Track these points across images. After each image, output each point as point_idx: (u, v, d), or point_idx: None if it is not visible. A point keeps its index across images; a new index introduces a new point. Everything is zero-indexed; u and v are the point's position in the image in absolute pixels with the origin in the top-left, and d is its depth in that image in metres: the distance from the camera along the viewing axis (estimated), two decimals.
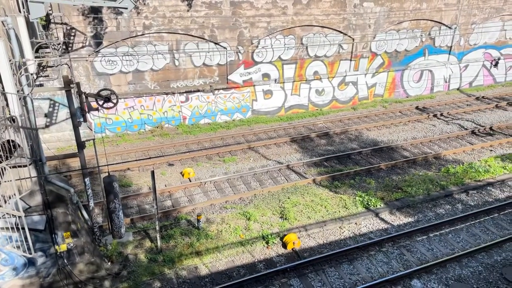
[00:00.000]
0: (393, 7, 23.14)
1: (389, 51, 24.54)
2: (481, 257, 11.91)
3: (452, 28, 25.41)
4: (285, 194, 15.12)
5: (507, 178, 16.13)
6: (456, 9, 24.90)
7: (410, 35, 24.59)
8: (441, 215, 13.93)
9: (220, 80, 21.09)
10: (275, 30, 21.15)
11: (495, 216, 13.80)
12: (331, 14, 21.92)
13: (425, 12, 24.09)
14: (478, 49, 27.17)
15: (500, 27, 27.08)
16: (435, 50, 25.76)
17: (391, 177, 16.51)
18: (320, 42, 22.51)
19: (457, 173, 16.52)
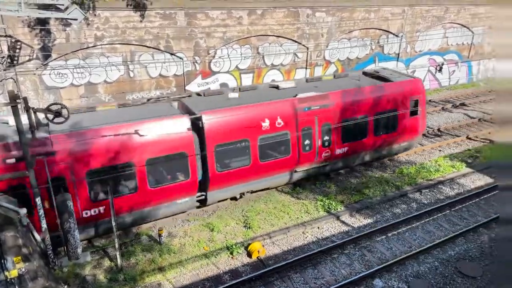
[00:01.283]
0: (344, 16, 24.11)
1: (342, 59, 25.47)
2: (436, 252, 12.53)
3: (399, 36, 26.87)
4: (248, 203, 15.10)
5: (456, 176, 17.15)
6: (402, 18, 26.38)
7: (361, 43, 25.69)
8: (397, 215, 14.53)
9: (178, 91, 20.81)
10: (231, 40, 21.28)
11: (447, 212, 14.61)
12: (285, 24, 22.42)
13: (373, 22, 25.30)
14: (424, 55, 28.89)
15: (442, 35, 29.01)
16: (384, 57, 27.07)
17: (350, 180, 17.01)
18: (276, 51, 22.92)
19: (410, 173, 17.34)
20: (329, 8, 23.44)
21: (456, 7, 28.40)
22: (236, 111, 13.62)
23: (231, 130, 13.44)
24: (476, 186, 16.49)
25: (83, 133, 11.60)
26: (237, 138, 13.57)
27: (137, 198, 12.48)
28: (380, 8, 25.14)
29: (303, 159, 15.24)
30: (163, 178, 12.88)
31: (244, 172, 14.11)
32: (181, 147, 12.71)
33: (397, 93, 16.92)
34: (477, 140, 21.01)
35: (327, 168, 16.46)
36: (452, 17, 28.65)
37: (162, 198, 12.97)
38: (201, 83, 21.43)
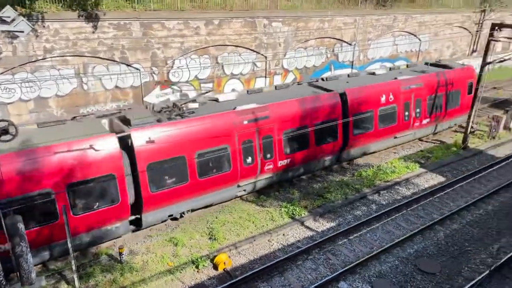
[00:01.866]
0: (299, 26, 24.73)
1: (300, 67, 26.06)
2: (396, 251, 12.98)
3: (352, 45, 27.96)
4: (212, 214, 14.91)
5: (411, 177, 17.97)
6: (354, 27, 27.50)
7: (317, 52, 26.44)
8: (358, 217, 14.94)
9: (136, 103, 20.29)
10: (189, 50, 21.14)
11: (404, 212, 15.22)
12: (243, 34, 22.63)
13: (327, 31, 26.16)
14: (376, 62, 30.21)
15: (392, 42, 30.53)
16: (339, 65, 28.02)
17: (312, 185, 17.31)
18: (235, 61, 23.03)
19: (368, 176, 17.94)
20: (285, 18, 23.96)
21: (404, 16, 30.05)
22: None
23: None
24: (429, 185, 17.35)
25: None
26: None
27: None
28: (333, 18, 26.06)
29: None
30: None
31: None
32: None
33: (460, 76, 21.82)
34: (428, 141, 22.16)
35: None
36: (400, 25, 30.26)
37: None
38: (160, 94, 21.04)
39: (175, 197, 13.47)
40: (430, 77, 20.51)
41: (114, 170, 11.91)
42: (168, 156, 12.84)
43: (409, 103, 19.56)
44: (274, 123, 15.24)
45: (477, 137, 22.38)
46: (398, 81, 19.25)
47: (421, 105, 20.16)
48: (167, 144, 12.79)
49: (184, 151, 13.16)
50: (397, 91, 18.94)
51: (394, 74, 20.59)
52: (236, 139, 14.32)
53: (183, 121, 13.32)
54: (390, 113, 18.89)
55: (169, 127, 12.97)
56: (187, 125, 13.29)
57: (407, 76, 19.89)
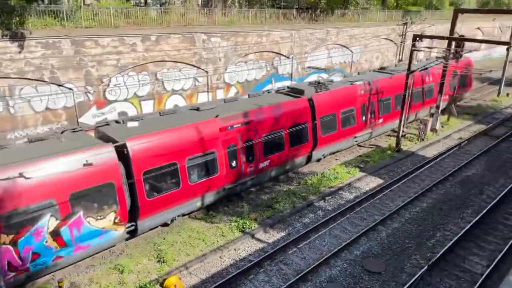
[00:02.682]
0: (238, 41, 25.13)
1: (241, 81, 26.39)
2: (344, 255, 13.42)
3: (290, 58, 28.95)
4: (160, 236, 14.37)
5: (352, 181, 18.80)
6: (290, 41, 28.54)
7: (257, 65, 26.99)
8: (307, 224, 15.27)
9: (70, 124, 19.14)
10: (127, 67, 20.50)
11: (349, 215, 15.82)
12: (182, 49, 22.46)
13: (266, 45, 26.87)
14: (313, 74, 31.52)
15: (326, 55, 32.09)
16: (279, 78, 28.83)
17: (261, 197, 17.42)
18: (175, 77, 22.73)
19: (313, 183, 18.47)
20: (223, 33, 24.22)
21: (335, 30, 31.80)
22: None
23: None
24: (370, 187, 18.26)
25: None
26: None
27: None
28: (270, 32, 26.85)
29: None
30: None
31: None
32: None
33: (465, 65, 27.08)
34: (366, 146, 23.42)
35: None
36: (333, 38, 31.96)
37: None
38: (96, 113, 20.07)
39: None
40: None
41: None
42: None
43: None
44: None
45: (408, 140, 24.10)
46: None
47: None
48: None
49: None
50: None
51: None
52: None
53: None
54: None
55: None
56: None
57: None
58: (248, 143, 16.12)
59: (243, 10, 27.75)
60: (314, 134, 19.10)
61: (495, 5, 55.45)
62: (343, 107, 20.36)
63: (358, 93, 21.14)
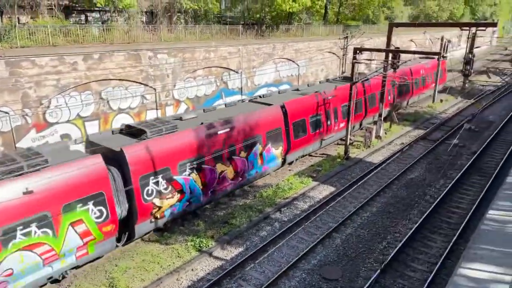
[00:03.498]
0: (186, 57, 24.97)
1: (191, 97, 26.15)
2: (302, 265, 13.55)
3: (239, 72, 29.25)
4: (111, 262, 13.63)
5: (306, 191, 19.18)
6: (238, 56, 28.87)
7: (206, 81, 26.93)
8: (264, 237, 15.27)
9: (7, 150, 17.73)
10: (68, 87, 19.51)
11: (304, 225, 16.08)
12: (127, 67, 21.86)
13: (214, 61, 26.95)
14: (262, 87, 32.04)
15: (274, 69, 32.83)
16: (229, 92, 28.95)
17: (217, 213, 17.19)
18: (121, 95, 22.00)
19: (269, 195, 18.60)
20: (170, 50, 23.95)
21: (281, 44, 32.70)
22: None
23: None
24: (323, 196, 18.74)
25: None
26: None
27: None
28: (217, 48, 26.99)
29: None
30: None
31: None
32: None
33: None
34: (317, 155, 24.09)
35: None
36: (280, 53, 32.82)
37: None
38: (36, 137, 18.81)
39: None
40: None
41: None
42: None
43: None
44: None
45: (356, 147, 25.16)
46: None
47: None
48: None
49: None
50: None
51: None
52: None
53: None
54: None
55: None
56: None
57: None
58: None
59: (189, 27, 27.69)
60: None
61: (425, 19, 60.31)
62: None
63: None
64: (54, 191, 11.48)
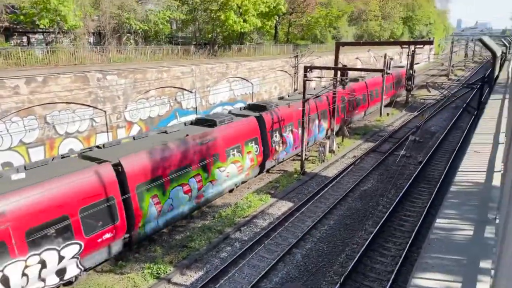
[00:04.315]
0: (137, 78, 24.46)
1: (144, 118, 25.53)
2: (264, 284, 13.40)
3: (193, 92, 29.11)
4: None
5: (265, 208, 19.20)
6: (192, 76, 28.79)
7: (160, 101, 26.48)
8: (225, 259, 14.98)
9: None
10: (9, 113, 18.30)
11: (265, 243, 16.00)
12: (74, 89, 20.97)
13: (167, 81, 26.63)
14: (218, 106, 32.07)
15: (228, 88, 33.05)
16: (184, 112, 28.65)
17: (175, 237, 16.66)
18: (68, 119, 20.98)
19: (228, 215, 18.38)
20: (120, 70, 23.36)
21: (234, 64, 33.10)
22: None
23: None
24: (282, 212, 18.84)
25: None
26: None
27: None
28: (170, 68, 26.76)
29: None
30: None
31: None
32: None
33: None
34: (274, 172, 24.32)
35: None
36: (233, 72, 33.17)
37: None
38: None
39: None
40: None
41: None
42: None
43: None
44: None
45: (311, 162, 25.74)
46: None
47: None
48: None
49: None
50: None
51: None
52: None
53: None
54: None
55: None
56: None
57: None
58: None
59: (139, 47, 27.28)
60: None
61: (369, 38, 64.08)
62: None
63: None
64: (243, 133, 20.56)
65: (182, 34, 38.65)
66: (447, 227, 4.36)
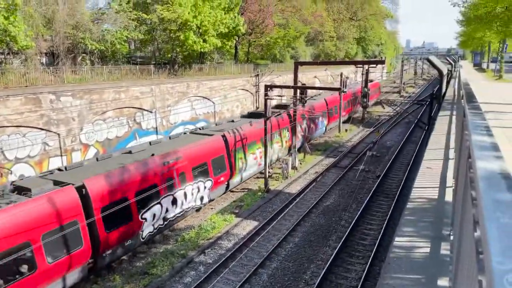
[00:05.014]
0: (93, 99, 23.68)
1: (101, 140, 24.63)
2: None
3: (153, 112, 28.57)
4: None
5: (230, 228, 18.92)
6: (151, 95, 28.31)
7: (118, 122, 25.71)
8: (188, 284, 14.50)
9: None
10: None
11: (230, 265, 15.70)
12: (25, 112, 19.90)
13: (125, 101, 25.99)
14: (179, 126, 31.64)
15: (190, 107, 32.78)
16: (144, 133, 27.98)
17: (135, 264, 15.95)
18: (19, 143, 19.79)
19: (191, 238, 17.92)
20: (75, 91, 22.53)
21: (195, 83, 33.01)
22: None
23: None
24: (247, 232, 18.65)
25: None
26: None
27: None
28: (129, 88, 26.18)
29: None
30: None
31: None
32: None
33: None
34: (238, 191, 24.16)
35: None
36: (194, 91, 33.02)
37: None
38: None
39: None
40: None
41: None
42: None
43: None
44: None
45: (275, 179, 25.88)
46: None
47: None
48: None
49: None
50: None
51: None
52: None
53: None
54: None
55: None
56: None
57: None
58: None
59: (96, 67, 26.54)
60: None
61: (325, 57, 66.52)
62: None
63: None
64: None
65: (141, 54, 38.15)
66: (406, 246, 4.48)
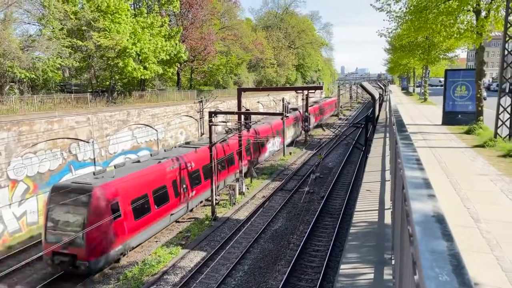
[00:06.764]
0: (23, 130, 21.91)
1: (31, 174, 22.67)
2: None
3: (90, 142, 27.07)
4: None
5: (176, 262, 18.11)
6: (88, 125, 26.88)
7: (50, 155, 23.94)
8: None
9: None
10: None
11: None
12: None
13: (59, 132, 24.37)
14: (119, 155, 30.22)
15: (130, 136, 31.58)
16: (80, 164, 26.28)
17: None
18: None
19: (135, 275, 16.83)
20: (1, 123, 20.71)
21: (136, 110, 32.01)
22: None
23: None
24: (194, 264, 17.96)
25: None
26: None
27: None
28: (62, 118, 24.66)
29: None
30: None
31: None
32: None
33: None
34: (184, 220, 23.38)
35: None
36: (135, 119, 31.97)
37: None
38: None
39: None
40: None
41: None
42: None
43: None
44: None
45: (222, 206, 25.49)
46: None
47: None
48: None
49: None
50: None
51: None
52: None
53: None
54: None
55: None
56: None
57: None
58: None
59: (25, 97, 24.75)
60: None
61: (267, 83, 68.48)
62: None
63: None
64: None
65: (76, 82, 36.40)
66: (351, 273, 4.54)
